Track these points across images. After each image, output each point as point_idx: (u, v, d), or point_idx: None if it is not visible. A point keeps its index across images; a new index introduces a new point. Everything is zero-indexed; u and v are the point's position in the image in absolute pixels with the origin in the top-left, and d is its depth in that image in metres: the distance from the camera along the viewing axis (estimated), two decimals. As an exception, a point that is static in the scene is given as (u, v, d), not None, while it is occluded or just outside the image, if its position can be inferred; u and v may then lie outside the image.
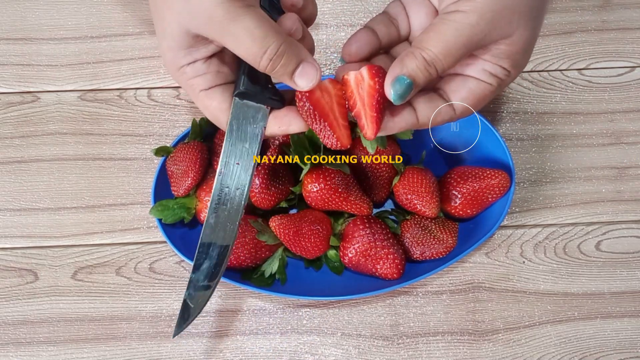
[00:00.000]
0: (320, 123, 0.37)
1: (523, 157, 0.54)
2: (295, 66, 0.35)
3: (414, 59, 0.34)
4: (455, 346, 0.49)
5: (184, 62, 0.37)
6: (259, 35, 0.33)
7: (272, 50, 0.34)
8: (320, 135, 0.38)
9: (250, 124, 0.39)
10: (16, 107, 0.55)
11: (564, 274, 0.51)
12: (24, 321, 0.50)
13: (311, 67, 0.36)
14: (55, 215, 0.53)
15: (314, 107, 0.36)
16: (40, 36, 0.57)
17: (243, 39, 0.33)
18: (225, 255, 0.41)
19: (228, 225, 0.41)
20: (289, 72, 0.35)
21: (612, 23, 0.57)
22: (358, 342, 0.50)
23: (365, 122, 0.37)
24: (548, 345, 0.49)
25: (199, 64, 0.37)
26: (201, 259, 0.41)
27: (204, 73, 0.37)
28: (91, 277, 0.51)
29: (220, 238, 0.41)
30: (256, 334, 0.50)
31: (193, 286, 0.42)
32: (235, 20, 0.33)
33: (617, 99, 0.55)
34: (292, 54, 0.35)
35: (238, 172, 0.40)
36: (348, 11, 0.58)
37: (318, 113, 0.37)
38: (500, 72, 0.36)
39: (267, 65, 0.34)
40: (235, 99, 0.38)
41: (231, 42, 0.34)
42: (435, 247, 0.48)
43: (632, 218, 0.52)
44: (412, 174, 0.48)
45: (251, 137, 0.39)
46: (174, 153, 0.48)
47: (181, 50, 0.36)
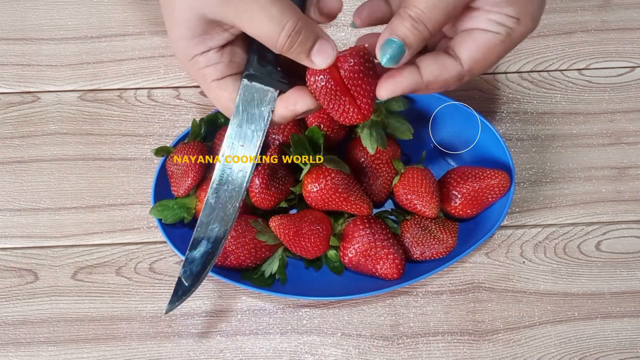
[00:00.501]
0: (340, 98, 0.36)
1: (523, 157, 0.54)
2: (313, 43, 0.35)
3: (401, 19, 0.33)
4: (455, 346, 0.49)
5: (196, 52, 0.36)
6: (275, 12, 0.33)
7: (290, 27, 0.33)
8: (339, 111, 0.37)
9: (257, 106, 0.38)
10: (16, 107, 0.55)
11: (564, 274, 0.51)
12: (24, 321, 0.50)
13: (327, 44, 0.35)
14: (55, 215, 0.53)
15: (335, 83, 0.36)
16: (40, 36, 0.57)
17: (260, 18, 0.33)
18: (224, 236, 0.41)
19: (228, 206, 0.40)
20: (307, 49, 0.34)
21: (612, 23, 0.57)
22: (358, 342, 0.50)
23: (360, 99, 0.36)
24: (548, 345, 0.49)
25: (211, 53, 0.36)
26: (199, 238, 0.41)
27: (216, 62, 0.37)
28: (91, 277, 0.51)
29: (220, 219, 0.41)
30: (256, 334, 0.50)
31: (189, 264, 0.42)
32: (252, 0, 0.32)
33: (617, 99, 0.55)
34: (310, 30, 0.34)
35: (242, 153, 0.40)
36: (348, 11, 0.58)
37: (339, 89, 0.36)
38: (507, 21, 0.34)
39: (285, 42, 0.34)
40: (244, 81, 0.37)
41: (247, 22, 0.33)
42: (435, 247, 0.48)
43: (632, 218, 0.52)
44: (412, 174, 0.48)
45: (258, 119, 0.38)
46: (173, 153, 0.48)
47: (194, 38, 0.35)
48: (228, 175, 0.40)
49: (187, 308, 0.50)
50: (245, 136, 0.39)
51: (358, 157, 0.49)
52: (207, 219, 0.41)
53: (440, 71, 0.35)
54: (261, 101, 0.38)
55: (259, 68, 0.37)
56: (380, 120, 0.48)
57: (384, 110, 0.48)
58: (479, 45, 0.35)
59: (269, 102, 0.38)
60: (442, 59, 0.36)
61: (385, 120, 0.48)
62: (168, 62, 0.56)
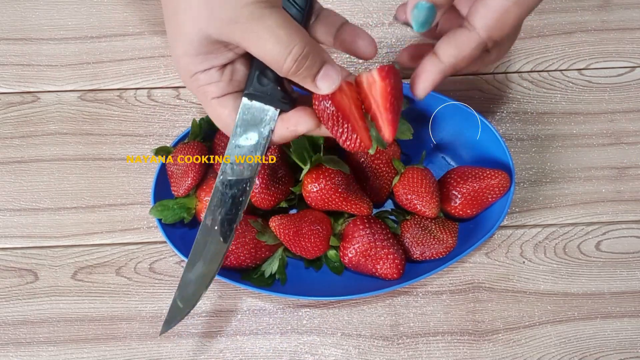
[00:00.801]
0: (343, 126, 0.36)
1: (523, 157, 0.54)
2: (319, 68, 0.34)
3: None
4: (455, 346, 0.49)
5: (198, 69, 0.36)
6: (283, 35, 0.32)
7: (297, 51, 0.33)
8: (342, 139, 0.37)
9: (257, 125, 0.38)
10: (16, 107, 0.55)
11: (564, 274, 0.51)
12: (24, 321, 0.50)
13: (333, 70, 0.35)
14: (55, 215, 0.53)
15: (337, 109, 0.35)
16: (40, 36, 0.57)
17: (267, 40, 0.32)
18: (219, 259, 0.41)
19: (225, 227, 0.40)
20: (312, 74, 0.34)
21: (612, 23, 0.57)
22: (358, 342, 0.50)
23: (383, 124, 0.36)
24: (548, 345, 0.49)
25: (213, 71, 0.36)
26: (194, 260, 0.41)
27: (217, 81, 0.36)
28: (91, 277, 0.51)
29: (216, 241, 0.40)
30: (256, 334, 0.50)
31: (184, 286, 0.42)
32: (259, 21, 0.32)
33: (617, 99, 0.55)
34: (316, 55, 0.34)
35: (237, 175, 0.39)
36: (348, 11, 0.58)
37: (341, 115, 0.36)
38: None
39: (292, 66, 0.33)
40: (244, 100, 0.37)
41: (254, 45, 0.33)
42: (435, 247, 0.48)
43: (632, 218, 0.52)
44: (412, 174, 0.48)
45: (257, 139, 0.38)
46: (174, 153, 0.48)
47: (198, 56, 0.35)
48: (225, 196, 0.40)
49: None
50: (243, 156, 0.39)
51: (358, 157, 0.49)
52: (203, 240, 0.40)
53: (457, 50, 0.35)
54: (261, 121, 0.38)
55: (259, 87, 0.37)
56: (380, 120, 0.48)
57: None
58: (492, 10, 0.34)
59: (269, 121, 0.38)
60: (456, 37, 0.35)
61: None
62: (168, 62, 0.56)
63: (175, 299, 0.42)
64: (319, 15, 0.39)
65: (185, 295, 0.42)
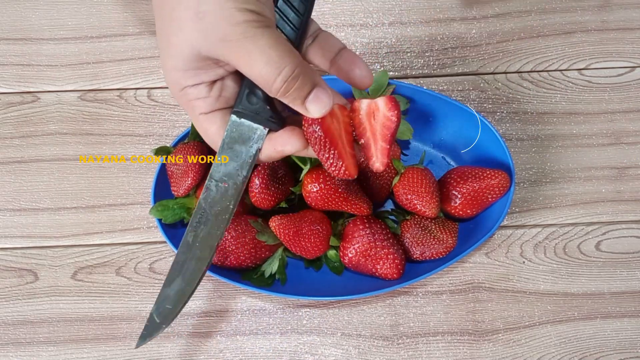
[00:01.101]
0: (330, 152, 0.36)
1: (523, 157, 0.54)
2: (309, 91, 0.34)
3: None
4: (455, 346, 0.49)
5: (188, 83, 0.35)
6: (274, 56, 0.32)
7: (287, 72, 0.32)
8: (327, 164, 0.37)
9: (244, 143, 0.37)
10: (16, 107, 0.55)
11: (564, 274, 0.51)
12: (24, 321, 0.50)
13: (324, 93, 0.34)
14: (55, 215, 0.53)
15: (325, 134, 0.35)
16: (40, 36, 0.57)
17: (257, 60, 0.32)
18: (198, 277, 0.40)
19: (206, 246, 0.40)
20: (302, 96, 0.34)
21: (612, 23, 0.57)
22: (358, 342, 0.50)
23: (375, 153, 0.36)
24: (548, 345, 0.49)
25: (202, 87, 0.36)
26: (173, 276, 0.40)
27: (205, 96, 0.36)
28: (91, 277, 0.51)
29: (196, 258, 0.40)
30: (256, 334, 0.50)
31: (162, 301, 0.41)
32: (251, 41, 0.32)
33: (617, 99, 0.55)
34: (307, 77, 0.34)
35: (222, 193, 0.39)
36: (348, 11, 0.58)
37: (329, 141, 0.35)
38: None
39: (281, 87, 0.33)
40: (232, 117, 0.37)
41: (245, 63, 0.33)
42: (435, 247, 0.48)
43: (632, 218, 0.52)
44: (412, 174, 0.48)
45: (244, 157, 0.38)
46: (174, 153, 0.48)
47: (188, 71, 0.35)
48: (207, 214, 0.39)
49: (187, 308, 0.50)
50: (229, 174, 0.38)
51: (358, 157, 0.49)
52: (183, 258, 0.40)
53: None
54: (249, 139, 0.37)
55: (248, 105, 0.36)
56: (380, 120, 0.48)
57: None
58: None
59: (256, 140, 0.37)
60: None
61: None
62: (168, 62, 0.56)
63: (152, 314, 0.41)
64: (316, 37, 0.38)
65: (163, 311, 0.41)
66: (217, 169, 0.38)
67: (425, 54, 0.56)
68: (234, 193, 0.39)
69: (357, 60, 0.38)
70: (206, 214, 0.39)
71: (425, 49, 0.56)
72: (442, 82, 0.55)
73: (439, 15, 0.57)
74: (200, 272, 0.40)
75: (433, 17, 0.57)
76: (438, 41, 0.56)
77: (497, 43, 0.56)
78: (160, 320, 0.42)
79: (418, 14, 0.57)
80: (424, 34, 0.57)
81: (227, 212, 0.39)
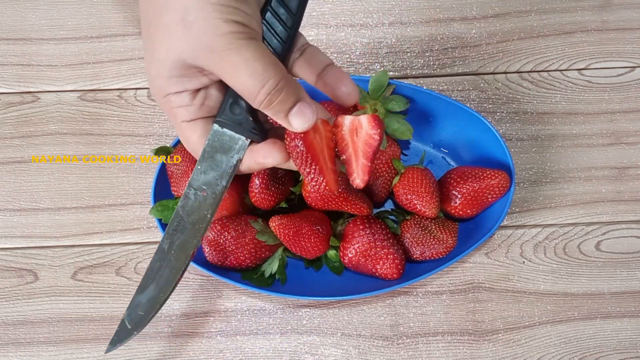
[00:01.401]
0: (311, 167, 0.36)
1: (523, 157, 0.54)
2: (293, 104, 0.34)
3: None
4: (455, 346, 0.49)
5: (171, 90, 0.35)
6: (259, 68, 0.32)
7: (271, 85, 0.33)
8: (308, 178, 0.36)
9: (225, 153, 0.37)
10: (16, 107, 0.55)
11: (564, 274, 0.51)
12: (23, 321, 0.50)
13: (308, 108, 0.34)
14: (55, 215, 0.53)
15: (307, 149, 0.35)
16: (40, 36, 0.57)
17: (242, 72, 0.32)
18: (172, 284, 0.40)
19: (180, 255, 0.39)
20: (286, 109, 0.34)
21: (612, 23, 0.57)
22: (358, 342, 0.50)
23: (356, 170, 0.36)
24: (548, 345, 0.49)
25: (185, 95, 0.36)
26: (147, 282, 0.40)
27: (188, 104, 0.36)
28: (91, 277, 0.51)
29: (171, 266, 0.39)
30: (256, 334, 0.50)
31: (134, 307, 0.40)
32: (236, 52, 0.32)
33: (617, 99, 0.55)
34: (291, 91, 0.34)
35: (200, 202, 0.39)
36: (348, 11, 0.58)
37: (311, 156, 0.35)
38: None
39: (264, 99, 0.33)
40: (215, 126, 0.37)
41: (229, 74, 0.33)
42: (435, 247, 0.48)
43: (632, 218, 0.52)
44: (412, 174, 0.48)
45: (224, 167, 0.38)
46: (174, 153, 0.48)
47: (171, 78, 0.35)
48: (184, 223, 0.39)
49: (187, 308, 0.50)
50: (208, 183, 0.38)
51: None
52: (157, 264, 0.40)
53: None
54: (230, 149, 0.37)
55: (231, 116, 0.36)
56: (380, 120, 0.48)
57: (384, 110, 0.48)
58: None
59: (238, 150, 0.37)
60: None
61: (385, 120, 0.48)
62: (168, 62, 0.56)
63: (124, 320, 0.41)
64: (304, 51, 0.38)
65: (135, 317, 0.41)
66: (197, 178, 0.38)
67: (425, 54, 0.56)
68: (212, 202, 0.39)
69: (344, 77, 0.38)
70: (183, 222, 0.39)
71: (425, 49, 0.56)
72: (442, 82, 0.55)
73: (439, 15, 0.57)
74: (174, 280, 0.40)
75: (433, 17, 0.57)
76: (438, 41, 0.56)
77: (497, 43, 0.56)
78: (132, 326, 0.41)
79: (418, 14, 0.57)
80: (424, 34, 0.57)
81: (205, 222, 0.39)
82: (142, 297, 0.40)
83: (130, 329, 0.41)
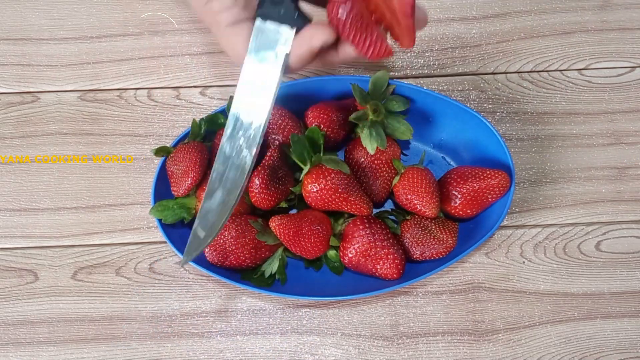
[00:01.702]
0: (367, 30, 0.34)
1: (523, 157, 0.54)
2: None
3: None
4: (455, 346, 0.49)
5: None
6: None
7: None
8: (365, 45, 0.34)
9: (272, 47, 0.35)
10: (16, 107, 0.55)
11: (564, 274, 0.51)
12: (23, 321, 0.50)
13: None
14: (55, 215, 0.53)
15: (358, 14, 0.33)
16: (40, 36, 0.57)
17: None
18: (241, 185, 0.39)
19: (244, 152, 0.38)
20: None
21: (612, 23, 0.57)
22: (358, 342, 0.50)
23: (401, 32, 0.34)
24: (548, 345, 0.49)
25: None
26: (214, 188, 0.39)
27: (231, 6, 0.34)
28: (91, 277, 0.51)
29: (235, 166, 0.38)
30: (256, 334, 0.50)
31: (204, 214, 0.40)
32: None
33: (617, 99, 0.55)
34: None
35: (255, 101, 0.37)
36: None
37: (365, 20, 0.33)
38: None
39: None
40: (257, 20, 0.35)
41: None
42: (435, 247, 0.48)
43: (632, 218, 0.52)
44: (412, 174, 0.48)
45: (273, 62, 0.36)
46: (174, 153, 0.48)
47: None
48: (241, 123, 0.37)
49: (187, 308, 0.50)
50: (260, 82, 0.37)
51: (358, 157, 0.49)
52: (222, 167, 0.38)
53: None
54: (276, 42, 0.35)
55: (272, 6, 0.34)
56: (380, 121, 0.48)
57: (384, 110, 0.48)
58: None
59: (284, 42, 0.35)
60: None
61: (385, 120, 0.49)
62: (168, 62, 0.56)
63: (195, 230, 0.40)
64: None
65: (206, 224, 0.40)
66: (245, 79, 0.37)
67: (425, 54, 0.56)
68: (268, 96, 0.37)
69: None
70: (238, 122, 0.38)
71: (425, 49, 0.56)
72: (442, 82, 0.55)
73: (439, 15, 0.57)
74: (240, 182, 0.39)
75: (433, 17, 0.57)
76: (438, 41, 0.56)
77: (497, 43, 0.56)
78: (206, 233, 0.40)
79: (418, 14, 0.57)
80: (424, 34, 0.57)
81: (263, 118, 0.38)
82: (211, 203, 0.40)
83: (204, 236, 0.41)
